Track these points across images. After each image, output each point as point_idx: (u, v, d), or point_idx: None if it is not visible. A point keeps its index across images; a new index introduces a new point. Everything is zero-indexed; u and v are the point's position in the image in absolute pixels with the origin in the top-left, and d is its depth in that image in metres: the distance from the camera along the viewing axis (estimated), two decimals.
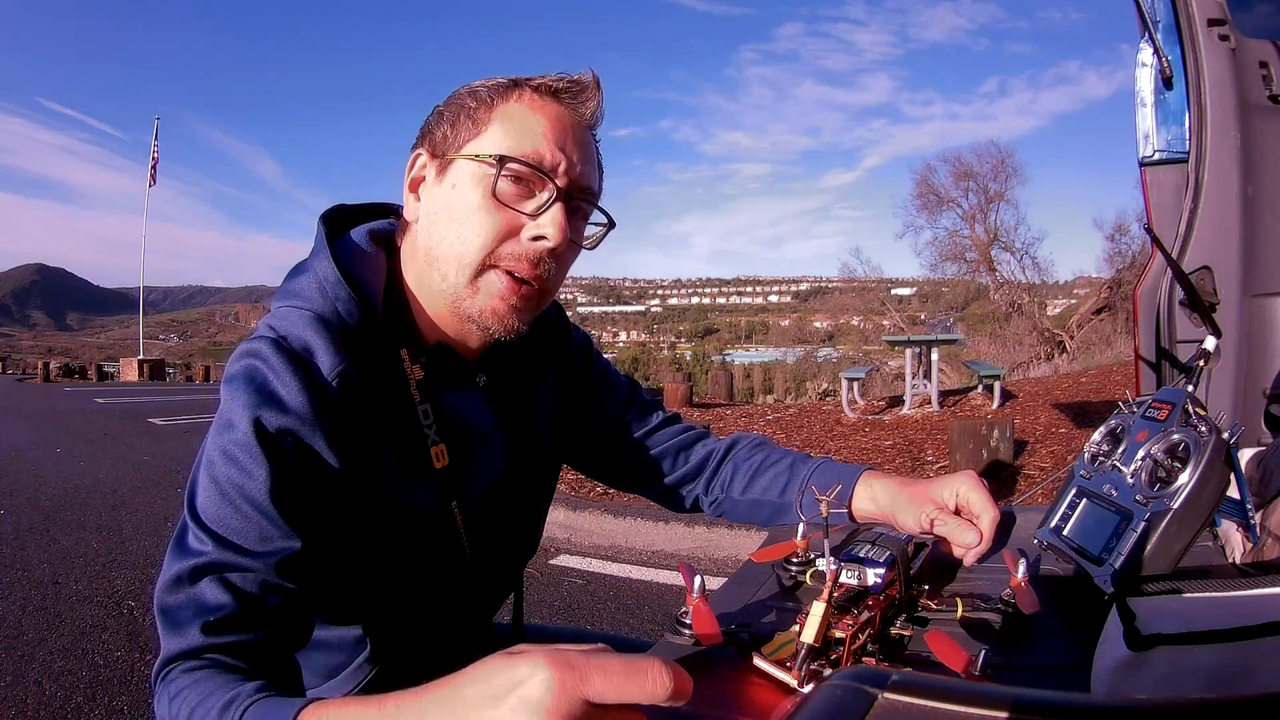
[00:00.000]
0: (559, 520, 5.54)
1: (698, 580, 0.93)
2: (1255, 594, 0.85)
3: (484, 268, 1.02)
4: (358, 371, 1.00)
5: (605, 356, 1.44)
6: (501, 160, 1.00)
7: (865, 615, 0.86)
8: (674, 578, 4.50)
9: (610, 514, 5.50)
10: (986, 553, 1.12)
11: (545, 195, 1.03)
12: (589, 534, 5.41)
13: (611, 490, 6.59)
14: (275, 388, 0.93)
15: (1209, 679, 0.73)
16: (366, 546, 1.05)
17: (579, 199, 1.07)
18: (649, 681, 0.57)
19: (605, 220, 1.14)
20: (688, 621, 0.92)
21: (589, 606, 4.16)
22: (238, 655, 0.85)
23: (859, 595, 0.90)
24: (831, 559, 0.90)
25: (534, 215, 1.02)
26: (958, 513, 1.16)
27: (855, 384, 10.65)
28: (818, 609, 0.82)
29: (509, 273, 1.03)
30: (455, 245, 1.02)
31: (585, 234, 1.13)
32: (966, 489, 1.16)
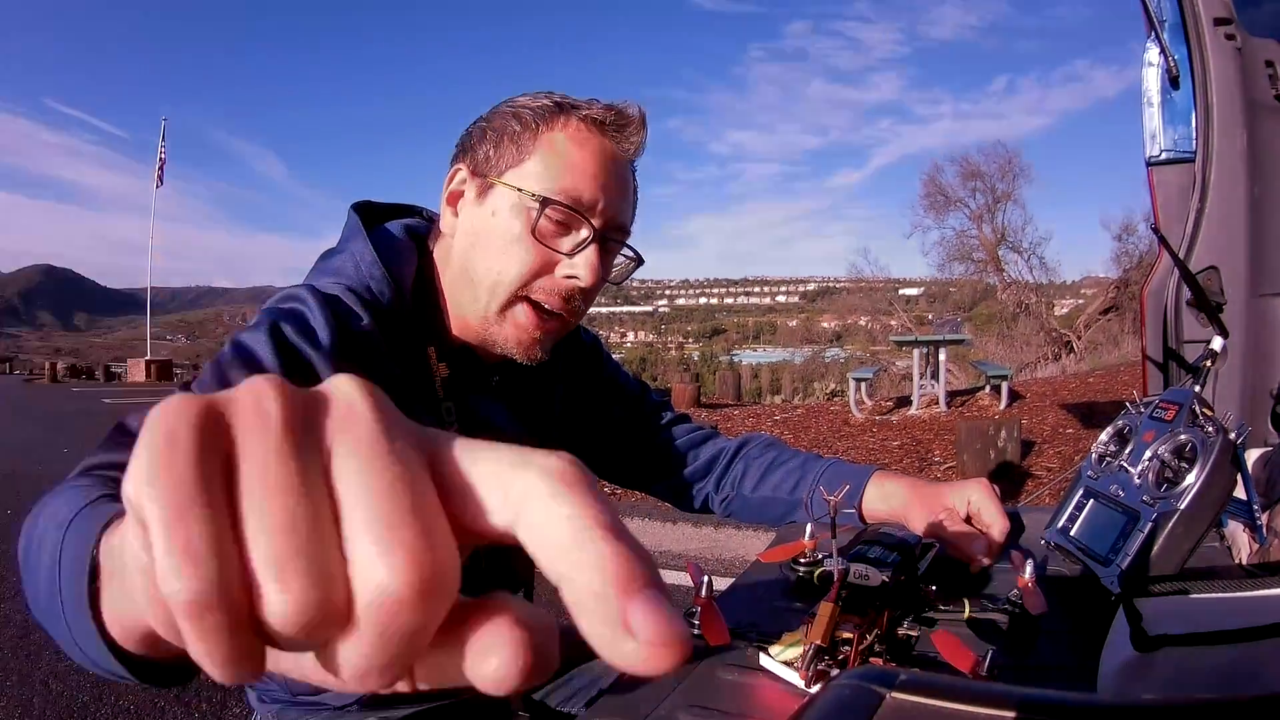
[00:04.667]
0: None
1: (705, 580, 0.93)
2: (1262, 594, 0.85)
3: (515, 299, 1.05)
4: (387, 349, 1.02)
5: (614, 357, 1.45)
6: (545, 202, 1.01)
7: (872, 615, 0.86)
8: (681, 578, 4.48)
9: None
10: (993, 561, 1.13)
11: (582, 235, 1.04)
12: None
13: (618, 490, 6.56)
14: (306, 317, 0.95)
15: (1215, 679, 0.73)
16: None
17: (612, 239, 1.09)
18: None
19: (633, 255, 1.16)
20: (695, 622, 0.93)
21: None
22: None
23: (866, 595, 0.90)
24: (839, 559, 0.90)
25: (570, 254, 1.04)
26: (969, 520, 1.16)
27: (863, 384, 10.63)
28: (825, 609, 0.82)
29: (536, 305, 1.05)
30: (491, 273, 1.04)
31: (614, 265, 1.15)
32: (979, 497, 1.16)
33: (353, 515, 0.25)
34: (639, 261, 1.17)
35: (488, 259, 1.05)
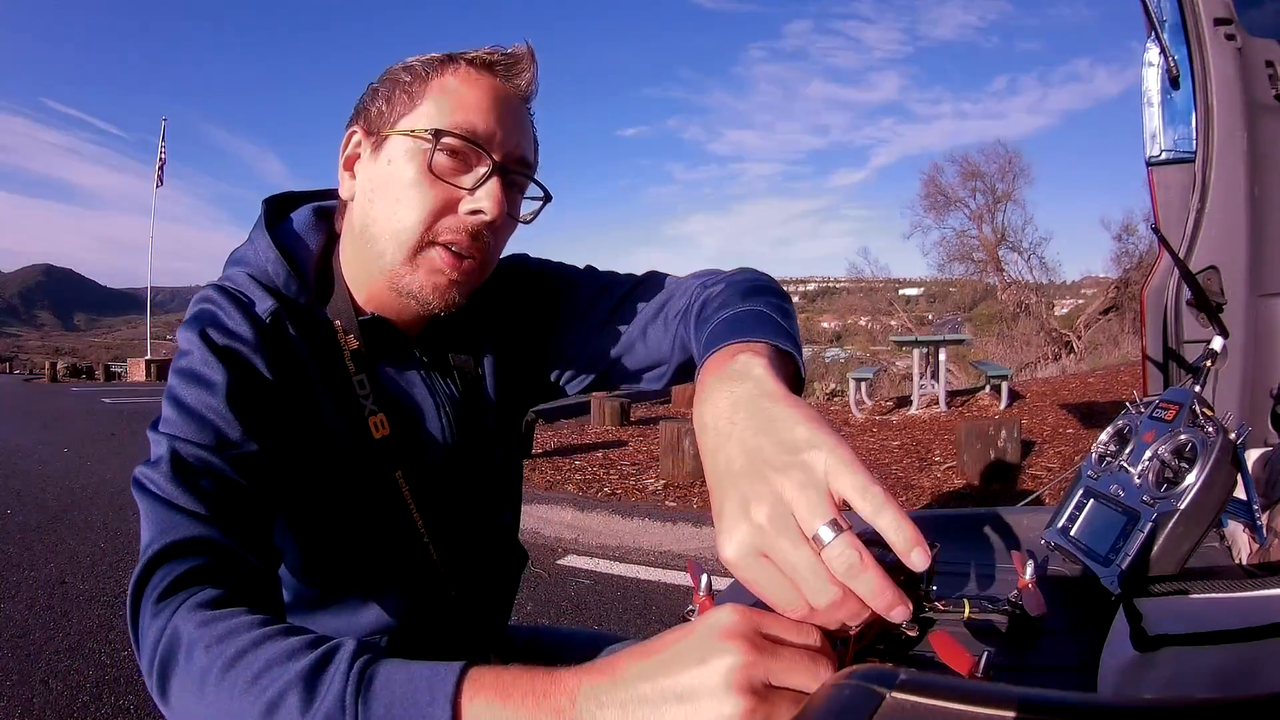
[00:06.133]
0: (567, 521, 5.54)
1: (704, 579, 0.93)
2: (1261, 595, 0.85)
3: (422, 244, 1.02)
4: (292, 328, 1.02)
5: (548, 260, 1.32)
6: (438, 134, 1.00)
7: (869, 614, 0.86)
8: (682, 578, 4.50)
9: (618, 514, 5.51)
10: None
11: (482, 169, 1.02)
12: (597, 534, 5.41)
13: (619, 491, 6.61)
14: (221, 317, 0.98)
15: (1215, 679, 0.73)
16: (316, 509, 1.06)
17: (515, 172, 1.07)
18: (811, 633, 0.62)
19: (542, 194, 1.14)
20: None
21: (596, 607, 4.17)
22: (229, 565, 0.84)
23: None
24: None
25: (471, 190, 1.02)
26: None
27: (863, 384, 10.65)
28: None
29: (448, 247, 1.02)
30: (392, 222, 1.02)
31: (522, 209, 1.13)
32: None
33: None
34: (548, 198, 1.14)
35: (386, 208, 1.03)
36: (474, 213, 1.02)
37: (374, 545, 1.10)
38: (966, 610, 0.95)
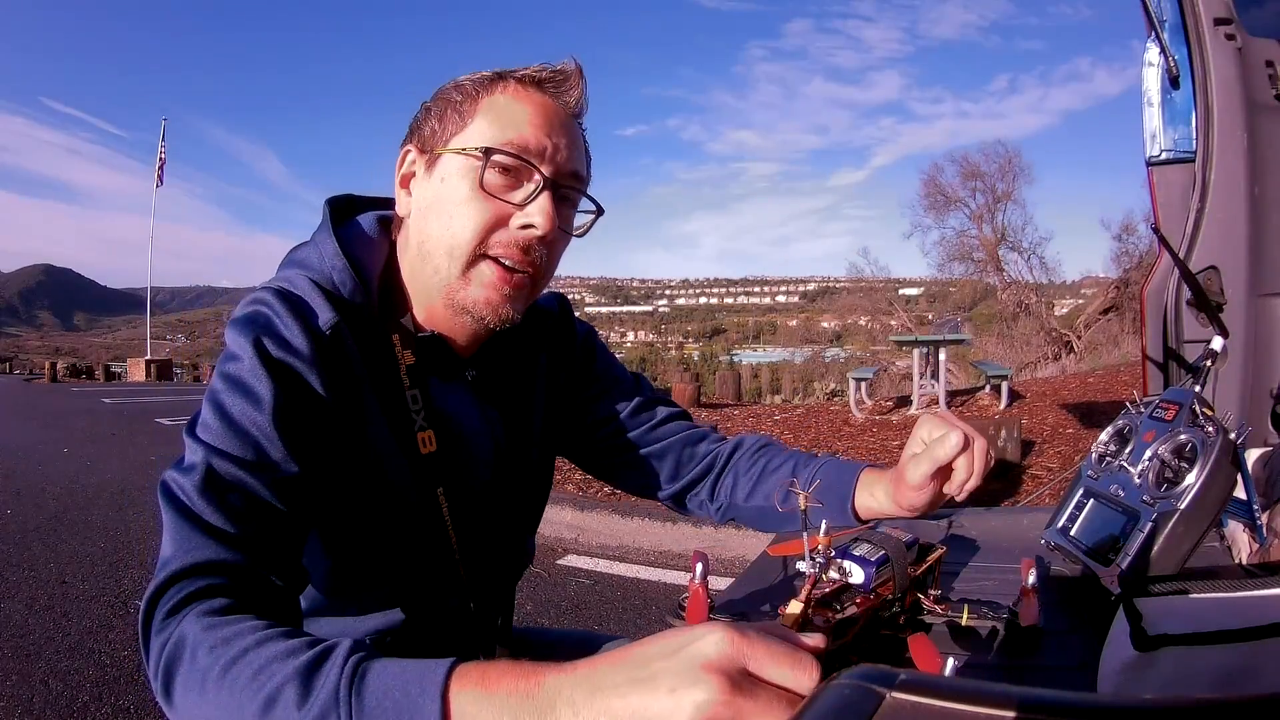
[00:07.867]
0: (567, 520, 5.54)
1: (699, 567, 0.94)
2: (1261, 594, 0.85)
3: (475, 258, 1.03)
4: (352, 340, 1.02)
5: (614, 354, 1.41)
6: (487, 152, 1.01)
7: (851, 612, 0.86)
8: (682, 578, 4.50)
9: (618, 514, 5.50)
10: (984, 467, 1.06)
11: (533, 185, 1.04)
12: (597, 534, 5.41)
13: (617, 490, 6.57)
14: (278, 327, 0.96)
15: (1215, 679, 0.73)
16: (351, 519, 1.06)
17: (566, 186, 1.08)
18: (804, 671, 0.58)
19: (594, 207, 1.14)
20: (683, 601, 0.94)
21: (596, 606, 4.16)
22: (248, 585, 0.84)
23: (844, 592, 0.90)
24: (811, 560, 0.89)
25: (522, 205, 1.03)
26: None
27: (863, 384, 10.63)
28: (794, 606, 0.82)
29: (500, 262, 1.04)
30: (445, 238, 1.04)
31: (575, 222, 1.14)
32: (927, 430, 1.10)
33: None
34: (600, 212, 1.15)
35: (440, 224, 1.04)
36: (525, 227, 1.03)
37: (405, 558, 1.11)
38: (965, 615, 0.95)
